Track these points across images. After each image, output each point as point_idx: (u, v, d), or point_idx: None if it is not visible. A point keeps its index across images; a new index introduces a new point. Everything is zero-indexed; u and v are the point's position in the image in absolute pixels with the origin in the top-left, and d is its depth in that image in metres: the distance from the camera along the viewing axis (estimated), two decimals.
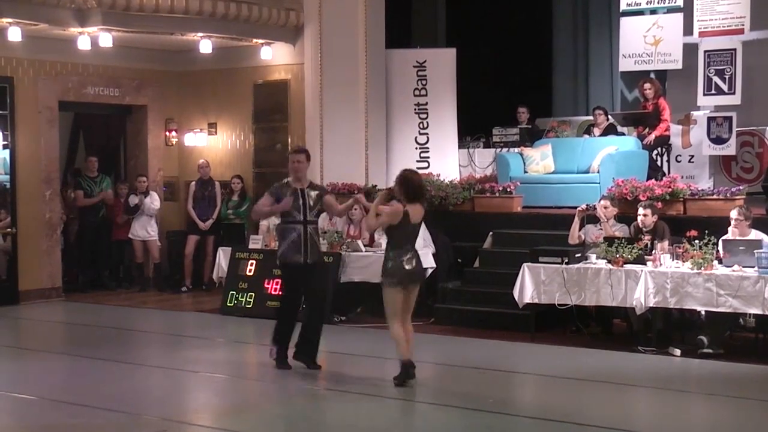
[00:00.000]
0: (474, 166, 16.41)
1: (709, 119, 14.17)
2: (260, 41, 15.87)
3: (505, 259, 12.99)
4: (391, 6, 16.04)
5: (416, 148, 16.21)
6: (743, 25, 13.81)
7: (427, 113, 16.27)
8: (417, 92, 16.28)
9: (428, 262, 13.20)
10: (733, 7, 13.85)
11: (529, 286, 11.60)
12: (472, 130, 16.90)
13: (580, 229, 12.19)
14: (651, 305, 10.89)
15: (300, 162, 10.29)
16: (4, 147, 15.12)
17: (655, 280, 10.84)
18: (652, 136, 14.46)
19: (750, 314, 10.79)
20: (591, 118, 16.36)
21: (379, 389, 9.47)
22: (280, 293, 11.30)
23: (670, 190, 12.67)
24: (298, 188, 10.21)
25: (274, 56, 16.09)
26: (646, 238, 11.57)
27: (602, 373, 10.16)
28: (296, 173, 10.28)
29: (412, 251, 9.52)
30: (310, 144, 15.62)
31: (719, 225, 11.42)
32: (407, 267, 9.41)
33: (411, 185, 9.51)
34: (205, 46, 15.60)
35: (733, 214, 11.27)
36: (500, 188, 14.21)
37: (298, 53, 16.02)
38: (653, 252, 11.24)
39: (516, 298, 11.69)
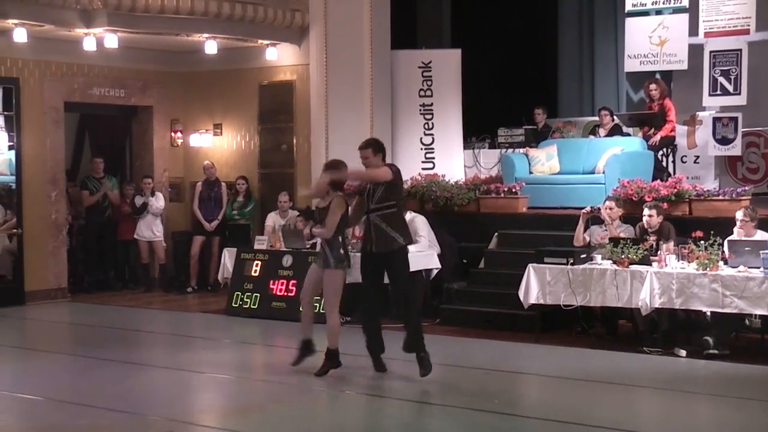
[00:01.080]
0: (479, 166, 16.41)
1: (715, 120, 14.15)
2: (265, 42, 15.88)
3: (510, 259, 13.00)
4: (396, 7, 16.05)
5: (421, 149, 16.21)
6: (749, 25, 13.79)
7: (432, 114, 16.27)
8: (422, 93, 16.27)
9: (433, 262, 13.24)
10: (738, 7, 13.84)
11: (535, 286, 11.60)
12: (478, 130, 16.91)
13: (584, 231, 12.19)
14: (656, 306, 10.89)
15: (366, 158, 10.07)
16: (10, 148, 15.14)
17: (660, 281, 10.84)
18: (658, 137, 14.45)
19: (756, 315, 10.79)
20: (596, 118, 16.35)
21: (385, 390, 9.48)
22: None
23: (675, 190, 12.67)
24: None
25: (280, 57, 16.10)
26: (652, 239, 11.56)
27: (607, 374, 10.16)
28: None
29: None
30: (315, 145, 15.67)
31: (725, 226, 11.42)
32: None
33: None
34: (211, 47, 15.61)
35: (739, 215, 11.27)
36: (505, 189, 14.21)
37: (303, 54, 16.03)
38: (659, 253, 11.23)
39: (521, 298, 11.69)
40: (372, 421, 8.87)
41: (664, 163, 14.62)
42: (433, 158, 16.10)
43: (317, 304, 11.14)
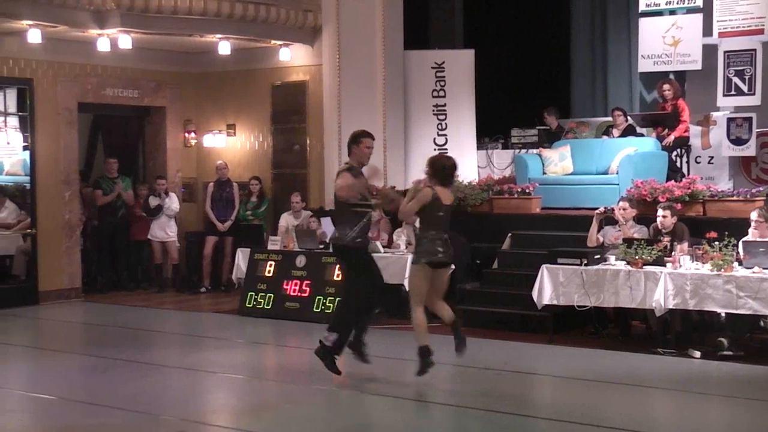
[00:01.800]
0: (492, 167, 16.39)
1: (729, 120, 14.11)
2: (278, 42, 15.90)
3: (523, 260, 12.98)
4: (408, 7, 16.05)
5: (435, 150, 16.17)
6: (763, 25, 13.73)
7: (445, 114, 16.26)
8: (435, 93, 16.26)
9: None
10: (752, 7, 13.79)
11: (548, 287, 11.58)
12: (491, 131, 16.89)
13: (598, 232, 12.16)
14: (670, 307, 10.86)
15: (372, 148, 9.99)
16: (24, 148, 15.21)
17: (674, 282, 10.81)
18: (672, 137, 14.41)
19: None
20: (610, 119, 16.31)
21: (397, 390, 9.47)
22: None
23: (689, 191, 12.63)
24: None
25: (293, 57, 16.11)
26: (666, 240, 11.53)
27: (621, 375, 10.13)
28: (366, 159, 9.99)
29: (443, 234, 9.54)
30: (327, 145, 15.68)
31: (739, 226, 11.38)
32: (437, 248, 9.46)
33: (437, 167, 9.60)
34: (224, 48, 15.64)
35: (753, 215, 11.24)
36: (519, 189, 14.18)
37: (316, 54, 16.05)
38: (672, 253, 11.20)
39: (534, 299, 11.67)
40: (382, 422, 8.87)
41: (678, 164, 14.58)
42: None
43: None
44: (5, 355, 11.68)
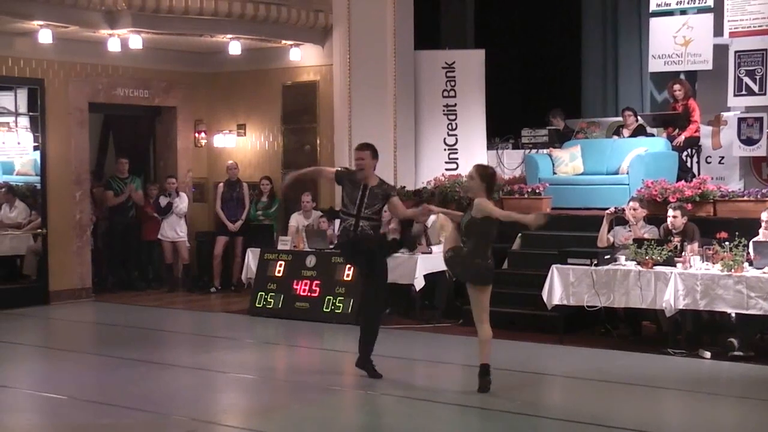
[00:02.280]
0: (503, 167, 16.37)
1: (740, 120, 14.08)
2: (289, 42, 15.91)
3: (533, 260, 12.97)
4: (419, 7, 16.04)
5: (445, 150, 16.19)
6: None
7: (455, 114, 16.25)
8: (446, 93, 16.25)
9: None
10: (764, 7, 13.77)
11: (558, 287, 11.57)
12: (501, 131, 16.86)
13: (608, 232, 12.14)
14: (681, 307, 10.84)
15: (362, 159, 9.99)
16: (35, 148, 15.24)
17: (684, 282, 10.79)
18: (682, 137, 14.39)
19: None
20: (620, 119, 16.28)
21: (407, 391, 9.47)
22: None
23: (700, 191, 12.61)
24: (362, 182, 9.97)
25: (303, 57, 16.12)
26: (676, 240, 11.52)
27: (631, 376, 10.12)
28: (359, 168, 10.03)
29: (466, 247, 9.37)
30: (338, 145, 15.69)
31: (750, 227, 11.36)
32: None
33: (488, 177, 9.43)
34: (234, 48, 15.66)
35: (764, 216, 11.22)
36: (529, 189, 14.18)
37: (326, 54, 16.05)
38: (683, 254, 11.18)
39: (545, 299, 11.66)
40: (394, 422, 8.87)
41: (689, 164, 14.56)
42: (457, 158, 16.08)
43: None
44: (16, 354, 11.71)
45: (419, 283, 12.99)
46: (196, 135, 17.33)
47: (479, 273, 9.26)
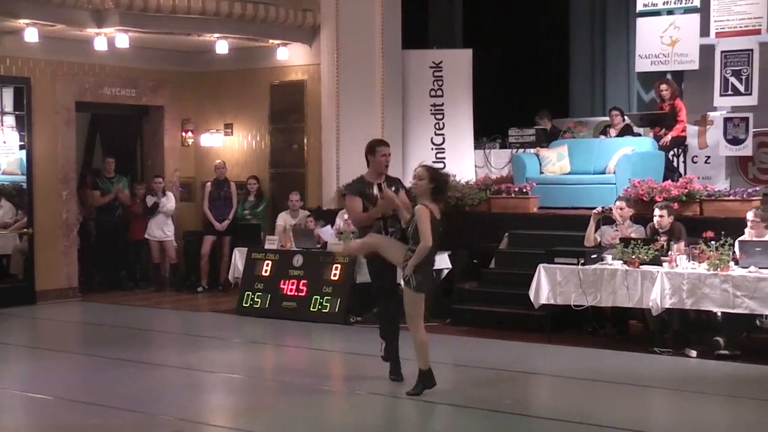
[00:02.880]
0: (490, 166, 16.40)
1: (726, 120, 14.12)
2: (277, 42, 15.89)
3: (521, 259, 12.98)
4: (407, 7, 16.04)
5: (432, 149, 16.20)
6: (761, 25, 13.73)
7: (443, 114, 16.26)
8: (433, 93, 16.27)
9: (444, 263, 13.24)
10: (750, 7, 13.79)
11: (545, 286, 11.59)
12: (488, 130, 16.89)
13: (595, 231, 12.17)
14: (667, 306, 10.87)
15: (387, 156, 9.78)
16: (22, 147, 15.20)
17: (671, 281, 10.82)
18: (669, 137, 14.43)
19: (766, 315, 10.78)
20: (607, 118, 16.31)
21: (395, 389, 9.46)
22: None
23: (686, 191, 12.65)
24: (375, 182, 9.72)
25: (291, 57, 16.11)
26: (663, 239, 11.54)
27: (618, 375, 10.14)
28: (384, 168, 9.78)
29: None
30: (326, 144, 15.68)
31: (736, 226, 11.39)
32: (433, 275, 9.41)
33: (441, 181, 9.17)
34: (222, 47, 15.63)
35: (750, 215, 11.25)
36: (516, 189, 14.19)
37: (314, 54, 16.04)
38: (669, 253, 11.21)
39: (532, 298, 11.68)
40: (382, 421, 8.88)
41: (675, 164, 14.60)
42: (444, 158, 16.09)
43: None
44: (2, 354, 11.68)
45: None
46: (184, 134, 17.31)
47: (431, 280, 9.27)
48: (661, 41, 14.47)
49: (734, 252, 10.92)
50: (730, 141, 14.12)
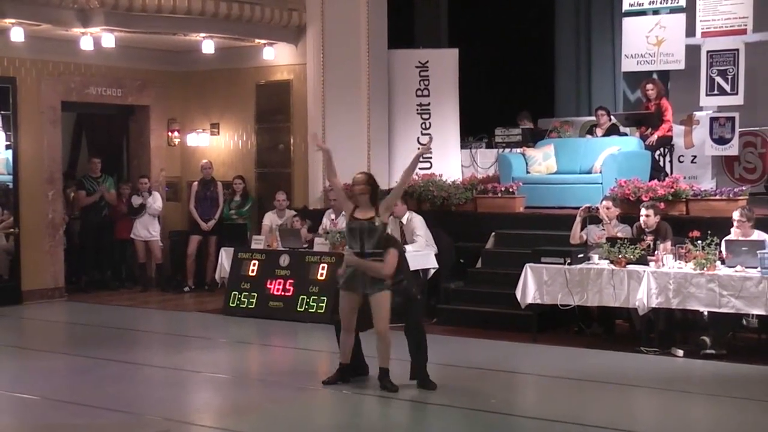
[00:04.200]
0: (476, 166, 16.40)
1: (712, 120, 14.16)
2: (262, 41, 15.88)
3: (507, 259, 13.00)
4: (393, 6, 16.05)
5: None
6: (746, 25, 13.79)
7: (429, 113, 16.27)
8: (419, 92, 16.27)
9: (431, 262, 13.25)
10: (736, 7, 13.84)
11: (532, 286, 11.60)
12: (475, 130, 16.90)
13: (582, 230, 12.19)
14: (653, 306, 10.90)
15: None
16: (7, 147, 15.13)
17: (657, 281, 10.84)
18: (655, 137, 14.45)
19: (753, 315, 10.82)
20: (593, 118, 16.35)
21: (381, 390, 9.45)
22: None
23: (672, 190, 12.68)
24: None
25: (277, 56, 16.09)
26: (649, 239, 11.57)
27: (604, 374, 10.16)
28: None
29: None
30: (311, 144, 15.62)
31: (722, 225, 11.41)
32: None
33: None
34: (208, 47, 15.61)
35: (736, 215, 11.27)
36: (503, 188, 14.21)
37: (300, 53, 16.03)
38: (656, 252, 11.24)
39: (518, 298, 11.69)
40: (369, 421, 8.88)
41: (661, 163, 14.62)
42: (431, 158, 16.05)
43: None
44: None
45: None
46: (170, 134, 17.27)
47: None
48: (647, 41, 14.50)
49: (720, 251, 10.95)
50: (716, 141, 14.16)
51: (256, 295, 13.78)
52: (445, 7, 20.27)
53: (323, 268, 13.29)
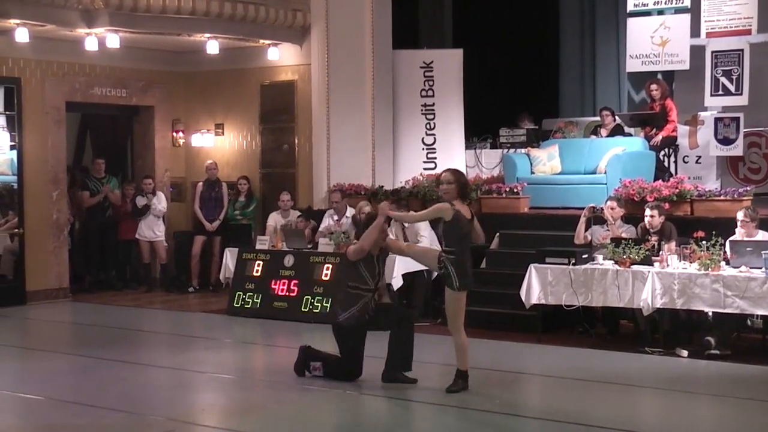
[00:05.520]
0: (481, 166, 16.41)
1: (717, 120, 14.15)
2: (267, 42, 15.88)
3: (511, 259, 13.00)
4: (397, 7, 16.06)
5: (423, 149, 16.21)
6: (750, 25, 13.78)
7: (434, 114, 16.27)
8: (424, 93, 16.27)
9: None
10: (740, 7, 13.82)
11: (536, 286, 11.59)
12: (479, 130, 16.91)
13: (586, 230, 12.18)
14: (658, 306, 10.89)
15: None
16: (12, 147, 15.16)
17: (662, 281, 10.83)
18: (659, 137, 14.45)
19: (757, 315, 10.79)
20: (598, 118, 16.34)
21: (386, 390, 9.46)
22: None
23: (677, 191, 12.67)
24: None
25: (281, 57, 16.09)
26: (653, 239, 11.56)
27: (609, 374, 10.15)
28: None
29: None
30: (316, 144, 15.67)
31: (726, 226, 11.41)
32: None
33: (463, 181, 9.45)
34: (212, 47, 15.61)
35: (740, 215, 11.26)
36: (507, 189, 14.20)
37: (304, 54, 16.03)
38: (660, 253, 11.23)
39: (523, 298, 11.69)
40: (373, 421, 8.88)
41: (666, 164, 14.62)
42: (435, 158, 16.10)
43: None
44: None
45: (397, 283, 12.98)
46: (174, 134, 17.28)
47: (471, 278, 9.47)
48: (652, 41, 14.50)
49: (725, 252, 10.94)
50: (720, 141, 14.15)
51: (260, 295, 13.79)
52: (449, 8, 20.26)
53: (328, 269, 13.30)
